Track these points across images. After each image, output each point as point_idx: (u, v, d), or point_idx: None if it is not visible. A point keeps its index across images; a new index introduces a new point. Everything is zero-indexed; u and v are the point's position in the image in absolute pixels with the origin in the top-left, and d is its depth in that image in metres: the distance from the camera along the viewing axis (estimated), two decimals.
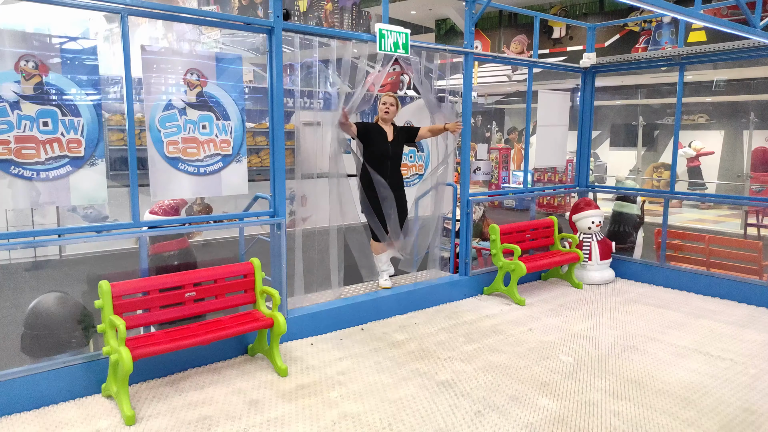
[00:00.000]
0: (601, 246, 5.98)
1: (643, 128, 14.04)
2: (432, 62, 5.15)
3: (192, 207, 10.08)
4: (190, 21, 3.80)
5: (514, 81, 13.32)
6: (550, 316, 4.92)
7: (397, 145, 4.91)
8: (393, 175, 4.89)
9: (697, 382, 3.60)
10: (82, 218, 7.50)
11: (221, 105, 3.91)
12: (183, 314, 3.53)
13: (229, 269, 3.77)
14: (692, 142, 13.96)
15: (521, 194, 7.05)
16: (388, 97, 4.90)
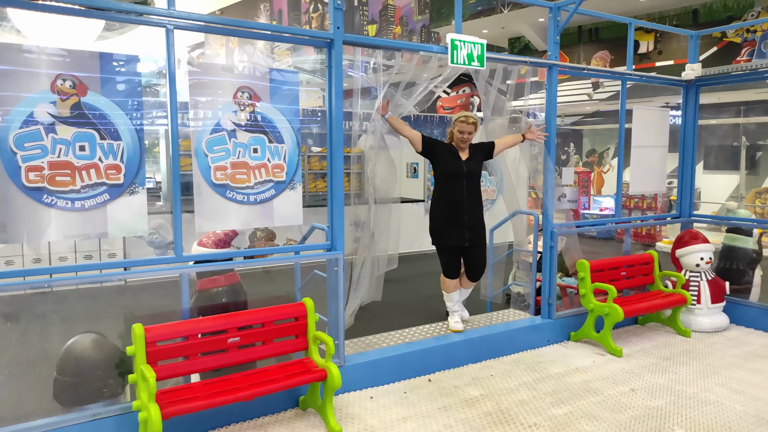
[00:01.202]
0: (712, 287, 5.09)
1: (738, 150, 12.66)
2: (506, 82, 4.60)
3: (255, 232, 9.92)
4: (241, 35, 3.46)
5: (595, 100, 12.43)
6: (654, 372, 4.12)
7: (473, 162, 4.21)
8: (470, 197, 4.19)
9: None
10: (148, 244, 7.41)
11: (275, 127, 3.52)
12: (226, 362, 3.10)
13: (279, 311, 3.32)
14: None
15: (615, 225, 6.25)
16: (467, 125, 4.12)
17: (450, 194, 4.18)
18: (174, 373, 2.96)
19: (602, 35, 12.84)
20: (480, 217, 4.29)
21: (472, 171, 4.21)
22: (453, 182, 4.16)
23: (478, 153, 4.29)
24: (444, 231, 4.21)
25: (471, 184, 4.21)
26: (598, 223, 9.70)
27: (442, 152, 4.20)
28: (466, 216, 4.16)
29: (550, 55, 4.55)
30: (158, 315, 3.24)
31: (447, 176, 4.19)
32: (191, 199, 3.31)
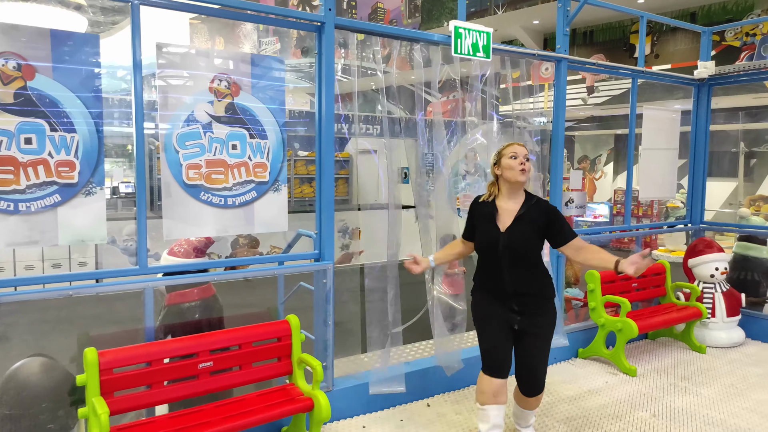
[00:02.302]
0: (728, 299, 4.75)
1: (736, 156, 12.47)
2: (498, 86, 4.26)
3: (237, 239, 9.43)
4: (220, 14, 3.04)
5: (589, 105, 12.17)
6: (674, 393, 3.75)
7: (516, 232, 2.73)
8: (517, 282, 2.74)
9: None
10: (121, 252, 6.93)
11: (257, 120, 3.11)
12: (196, 391, 2.67)
13: (259, 330, 2.90)
14: None
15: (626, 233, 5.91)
16: (522, 149, 2.83)
17: (487, 276, 2.85)
18: (134, 406, 2.52)
19: (597, 38, 12.60)
20: (535, 305, 2.79)
21: (514, 245, 2.71)
22: (488, 258, 2.83)
23: (534, 217, 2.76)
24: (486, 309, 2.84)
25: (516, 263, 2.74)
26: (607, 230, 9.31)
27: (478, 216, 2.89)
28: (513, 302, 2.76)
29: (559, 48, 4.20)
30: (118, 335, 2.80)
31: (477, 250, 2.92)
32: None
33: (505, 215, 2.78)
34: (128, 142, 9.97)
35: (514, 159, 2.78)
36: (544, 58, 4.21)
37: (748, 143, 11.90)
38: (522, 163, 2.76)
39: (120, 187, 10.71)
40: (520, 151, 2.80)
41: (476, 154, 4.63)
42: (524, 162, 2.77)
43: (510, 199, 2.81)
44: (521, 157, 2.77)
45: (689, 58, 11.29)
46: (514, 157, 2.78)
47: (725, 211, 11.86)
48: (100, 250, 7.30)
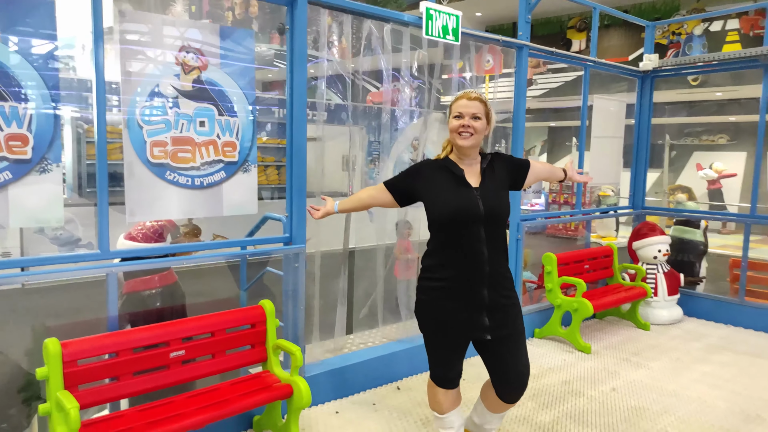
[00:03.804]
0: (669, 279, 5.05)
1: (662, 148, 13.28)
2: (441, 77, 4.30)
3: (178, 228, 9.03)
4: None
5: (528, 97, 12.53)
6: (628, 368, 3.94)
7: (492, 193, 2.34)
8: (493, 260, 2.30)
9: None
10: (51, 241, 6.44)
11: (226, 96, 2.94)
12: (167, 382, 2.51)
13: (231, 317, 2.76)
14: (713, 163, 13.22)
15: (581, 218, 6.12)
16: (469, 105, 2.33)
17: (454, 259, 2.29)
18: (101, 399, 2.34)
19: (535, 32, 12.94)
20: (507, 289, 2.36)
21: (494, 209, 2.30)
22: (458, 233, 2.27)
23: (501, 171, 2.43)
24: (440, 318, 2.34)
25: (494, 233, 2.31)
26: (562, 214, 9.55)
27: (429, 178, 2.38)
28: (486, 290, 2.28)
29: (521, 35, 4.26)
30: (77, 325, 2.59)
31: (444, 222, 2.30)
32: (115, 191, 2.69)
33: (470, 175, 2.35)
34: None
35: (457, 119, 2.31)
36: (507, 44, 4.26)
37: (672, 136, 12.68)
38: (465, 126, 2.28)
39: None
40: (467, 109, 2.29)
41: (420, 143, 4.64)
42: (469, 124, 2.28)
43: (464, 162, 2.37)
44: (467, 118, 2.28)
45: (621, 54, 11.87)
46: (458, 117, 2.31)
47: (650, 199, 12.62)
48: (25, 240, 6.75)
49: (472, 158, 2.38)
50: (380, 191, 2.50)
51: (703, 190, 13.23)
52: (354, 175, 10.49)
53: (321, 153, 3.88)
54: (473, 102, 2.32)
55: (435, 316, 2.35)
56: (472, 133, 2.30)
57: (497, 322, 2.30)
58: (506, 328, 2.32)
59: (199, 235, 9.82)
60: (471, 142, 2.30)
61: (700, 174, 13.22)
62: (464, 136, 2.30)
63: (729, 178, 13.18)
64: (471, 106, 2.31)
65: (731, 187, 13.35)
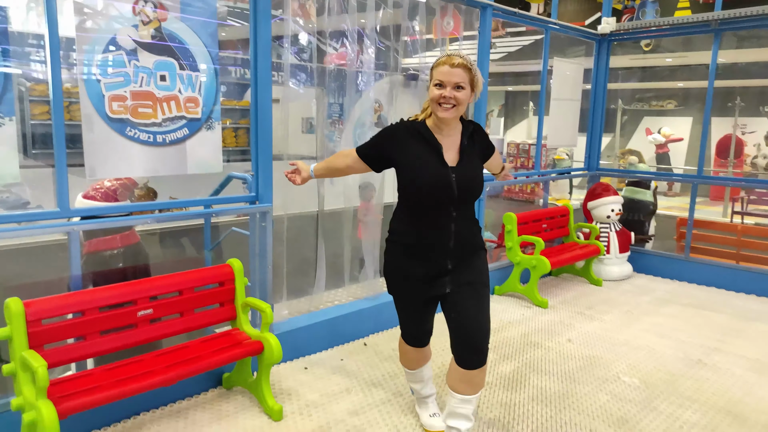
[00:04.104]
0: (620, 237, 5.27)
1: (614, 113, 13.64)
2: (400, 39, 4.27)
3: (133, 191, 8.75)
4: None
5: None
6: (583, 321, 4.14)
7: (470, 173, 2.21)
8: (458, 241, 2.20)
9: None
10: None
11: (187, 49, 2.84)
12: (135, 341, 2.49)
13: (200, 275, 2.74)
14: (661, 128, 13.69)
15: (538, 179, 6.26)
16: (452, 74, 2.10)
17: (419, 228, 2.21)
18: (67, 359, 2.30)
19: None
20: (472, 246, 2.29)
21: (468, 190, 2.17)
22: (427, 208, 2.17)
23: (479, 148, 2.29)
24: (405, 278, 2.28)
25: (464, 210, 2.21)
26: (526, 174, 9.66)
27: (404, 145, 2.20)
28: (448, 260, 2.22)
29: None
30: (38, 285, 2.52)
31: (413, 197, 2.19)
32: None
33: (446, 147, 2.16)
34: None
35: (438, 88, 2.08)
36: (472, 4, 4.25)
37: (624, 101, 13.02)
38: (446, 97, 2.07)
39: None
40: (449, 77, 2.06)
41: (381, 106, 4.63)
42: (451, 95, 2.07)
43: (443, 133, 2.18)
44: (448, 88, 2.06)
45: (577, 19, 11.99)
46: (439, 85, 2.08)
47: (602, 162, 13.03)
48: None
49: (452, 127, 2.19)
50: (355, 161, 2.31)
51: (652, 153, 13.74)
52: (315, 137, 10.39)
53: (281, 115, 3.82)
54: (456, 70, 2.06)
55: (399, 276, 2.29)
56: (454, 104, 2.08)
57: (459, 274, 2.21)
58: (468, 276, 2.21)
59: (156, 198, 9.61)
60: (453, 114, 2.10)
61: (649, 138, 13.70)
62: (445, 107, 2.09)
63: (676, 142, 13.70)
64: (454, 74, 2.06)
65: (678, 150, 13.91)
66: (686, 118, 14.06)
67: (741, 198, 9.41)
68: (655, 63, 12.48)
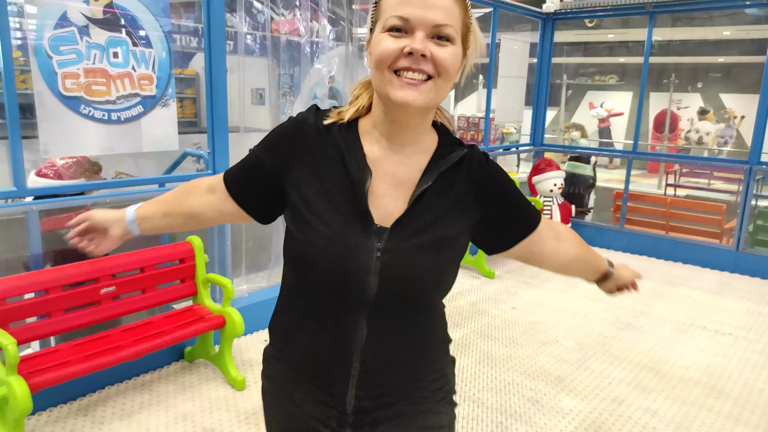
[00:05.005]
0: (562, 210, 5.59)
1: (559, 87, 14.07)
2: (351, 7, 4.32)
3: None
4: None
5: None
6: (527, 289, 4.43)
7: (418, 237, 0.99)
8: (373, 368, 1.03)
9: (714, 364, 3.26)
10: None
11: (139, 26, 2.83)
12: (99, 318, 2.54)
13: (160, 252, 2.80)
14: (603, 102, 14.25)
15: None
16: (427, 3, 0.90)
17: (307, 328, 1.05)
18: (33, 336, 2.34)
19: None
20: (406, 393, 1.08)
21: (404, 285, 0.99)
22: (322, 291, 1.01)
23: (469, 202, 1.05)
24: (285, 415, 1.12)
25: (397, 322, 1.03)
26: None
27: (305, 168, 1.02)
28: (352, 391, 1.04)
29: None
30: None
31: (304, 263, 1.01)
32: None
33: (388, 184, 1.01)
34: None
35: (396, 35, 0.92)
36: None
37: (568, 76, 13.44)
38: (413, 56, 0.91)
39: None
40: (423, 12, 0.90)
41: (333, 77, 4.70)
42: (425, 51, 0.91)
43: (396, 142, 1.02)
44: (420, 36, 0.91)
45: None
46: (395, 30, 0.92)
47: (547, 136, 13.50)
48: None
49: (413, 136, 1.02)
50: (222, 200, 1.10)
51: (595, 127, 14.31)
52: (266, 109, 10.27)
53: (236, 86, 3.83)
54: (430, 11, 0.91)
55: (279, 411, 1.14)
56: (429, 75, 0.93)
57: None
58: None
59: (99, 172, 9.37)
60: (422, 98, 0.93)
61: (592, 113, 14.23)
62: (408, 80, 0.92)
63: (617, 116, 14.31)
64: (432, 4, 0.91)
65: (618, 125, 14.54)
66: (627, 93, 14.66)
67: (675, 171, 10.01)
68: (598, 39, 12.91)
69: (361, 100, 1.05)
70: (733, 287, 4.62)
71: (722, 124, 12.88)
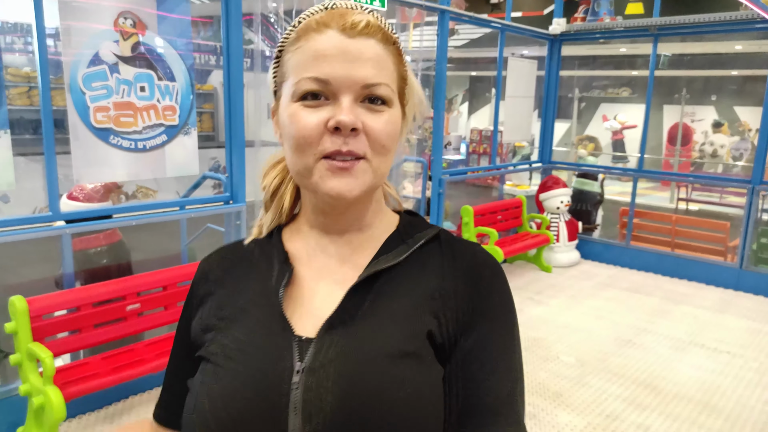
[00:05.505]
0: (569, 227, 5.72)
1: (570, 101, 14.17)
2: None
3: None
4: None
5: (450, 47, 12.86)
6: (531, 305, 4.57)
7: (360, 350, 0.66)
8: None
9: (709, 381, 3.37)
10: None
11: (164, 61, 3.06)
12: (124, 333, 2.75)
13: (181, 272, 3.00)
14: (617, 115, 14.30)
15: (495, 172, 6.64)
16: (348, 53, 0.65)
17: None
18: (66, 350, 2.56)
19: None
20: None
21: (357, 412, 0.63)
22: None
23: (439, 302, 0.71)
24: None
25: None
26: (480, 169, 10.05)
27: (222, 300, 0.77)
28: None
29: (443, 0, 4.54)
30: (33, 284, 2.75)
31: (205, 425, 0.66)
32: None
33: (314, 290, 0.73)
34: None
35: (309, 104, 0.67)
36: (430, 8, 4.53)
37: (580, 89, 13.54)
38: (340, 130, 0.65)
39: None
40: (344, 65, 0.65)
41: None
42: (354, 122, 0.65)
43: (333, 231, 0.75)
44: (347, 99, 0.65)
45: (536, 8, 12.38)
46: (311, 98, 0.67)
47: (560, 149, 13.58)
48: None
49: (357, 220, 0.75)
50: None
51: (608, 140, 14.37)
52: None
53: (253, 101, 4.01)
54: (361, 42, 0.67)
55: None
56: (359, 156, 0.67)
57: None
58: None
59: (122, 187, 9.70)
60: (359, 185, 0.68)
61: (605, 125, 14.30)
62: (339, 164, 0.66)
63: (630, 129, 14.35)
64: (356, 54, 0.66)
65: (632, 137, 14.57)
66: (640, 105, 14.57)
67: (687, 185, 10.04)
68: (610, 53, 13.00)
69: (282, 199, 0.79)
70: (736, 305, 4.70)
71: (737, 137, 12.89)
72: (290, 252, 0.76)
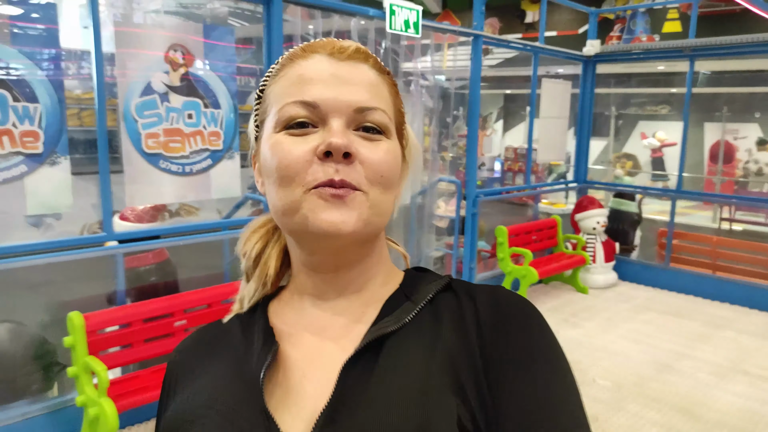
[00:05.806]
0: (606, 247, 5.67)
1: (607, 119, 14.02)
2: (399, 43, 4.60)
3: None
4: None
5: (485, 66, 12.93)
6: (567, 327, 4.54)
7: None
8: None
9: (752, 410, 3.29)
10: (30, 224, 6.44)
11: (210, 89, 3.23)
12: (172, 348, 2.88)
13: (225, 289, 3.14)
14: (656, 132, 14.06)
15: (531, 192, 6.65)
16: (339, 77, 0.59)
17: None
18: (117, 363, 2.70)
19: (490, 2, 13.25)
20: None
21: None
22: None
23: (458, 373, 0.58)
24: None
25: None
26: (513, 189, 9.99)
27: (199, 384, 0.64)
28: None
29: (476, 25, 4.63)
30: (88, 300, 2.92)
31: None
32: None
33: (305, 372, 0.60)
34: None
35: (298, 134, 0.59)
36: (462, 34, 4.62)
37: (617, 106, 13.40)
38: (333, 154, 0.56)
39: None
40: (337, 89, 0.59)
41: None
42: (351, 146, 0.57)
43: (327, 297, 0.64)
44: (338, 122, 0.58)
45: (572, 27, 12.37)
46: (299, 126, 0.59)
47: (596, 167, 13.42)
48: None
49: (354, 279, 0.65)
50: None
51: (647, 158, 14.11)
52: None
53: None
54: (353, 65, 0.61)
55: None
56: (353, 187, 0.57)
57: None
58: None
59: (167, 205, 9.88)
60: (354, 217, 0.57)
61: (644, 143, 14.06)
62: (332, 193, 0.56)
63: (670, 146, 14.08)
64: (348, 78, 0.60)
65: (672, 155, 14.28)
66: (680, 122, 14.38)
67: (730, 204, 9.79)
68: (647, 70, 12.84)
69: (266, 265, 0.69)
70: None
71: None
72: (276, 327, 0.64)
